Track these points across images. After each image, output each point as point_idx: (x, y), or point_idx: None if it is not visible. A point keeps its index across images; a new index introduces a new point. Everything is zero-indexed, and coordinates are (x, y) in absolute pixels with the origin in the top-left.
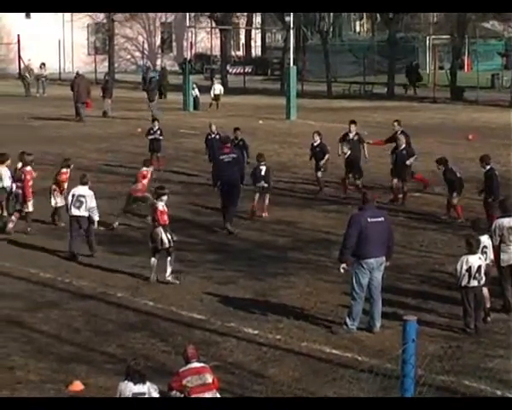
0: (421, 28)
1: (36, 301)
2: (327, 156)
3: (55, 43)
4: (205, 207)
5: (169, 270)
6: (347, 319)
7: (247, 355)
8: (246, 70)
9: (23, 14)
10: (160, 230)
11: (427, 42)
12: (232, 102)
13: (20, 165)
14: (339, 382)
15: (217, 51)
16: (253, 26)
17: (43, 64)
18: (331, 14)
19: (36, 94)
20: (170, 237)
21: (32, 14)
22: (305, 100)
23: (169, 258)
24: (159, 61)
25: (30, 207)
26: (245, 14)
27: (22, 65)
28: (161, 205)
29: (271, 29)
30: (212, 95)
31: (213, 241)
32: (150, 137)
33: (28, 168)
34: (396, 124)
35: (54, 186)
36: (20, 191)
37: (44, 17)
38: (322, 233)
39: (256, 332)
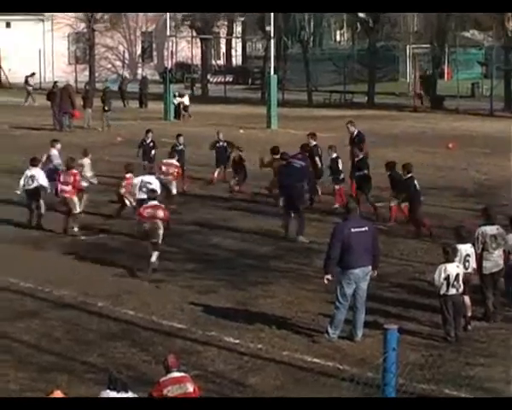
0: (401, 37)
1: (16, 311)
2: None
3: (36, 53)
4: (185, 216)
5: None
6: (329, 328)
7: (228, 364)
8: (226, 79)
9: (3, 24)
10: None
11: (408, 51)
12: (213, 111)
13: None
14: (320, 390)
15: (197, 60)
16: (234, 35)
17: (33, 74)
18: (312, 23)
19: (25, 104)
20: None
21: (12, 23)
22: (286, 109)
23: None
24: (139, 71)
25: (77, 208)
26: (225, 23)
27: (3, 75)
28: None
29: (252, 38)
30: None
31: (193, 250)
32: (140, 150)
33: (74, 171)
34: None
35: (123, 190)
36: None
37: (25, 26)
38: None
39: (237, 341)
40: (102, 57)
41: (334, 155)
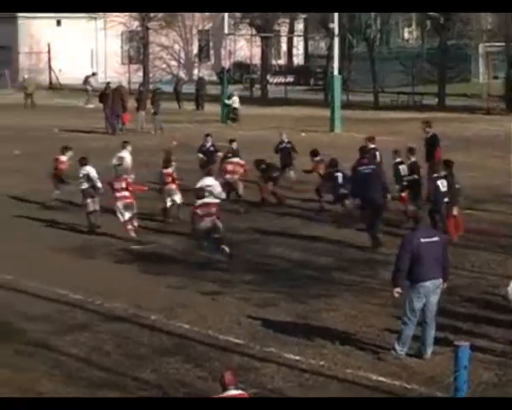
0: (473, 35)
1: (65, 324)
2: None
3: (88, 53)
4: (242, 224)
5: None
6: (396, 345)
7: (288, 382)
8: (287, 80)
9: (54, 22)
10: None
11: (480, 50)
12: (273, 113)
13: None
14: None
15: (257, 60)
16: (295, 33)
17: (95, 74)
18: (378, 20)
19: (86, 105)
20: None
21: (63, 21)
22: (351, 111)
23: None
24: (196, 71)
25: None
26: (286, 20)
27: (53, 76)
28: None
29: (314, 36)
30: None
31: (251, 260)
32: (200, 154)
33: (170, 170)
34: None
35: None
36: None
37: (76, 25)
38: (368, 252)
39: (297, 358)
40: (157, 57)
41: (398, 160)
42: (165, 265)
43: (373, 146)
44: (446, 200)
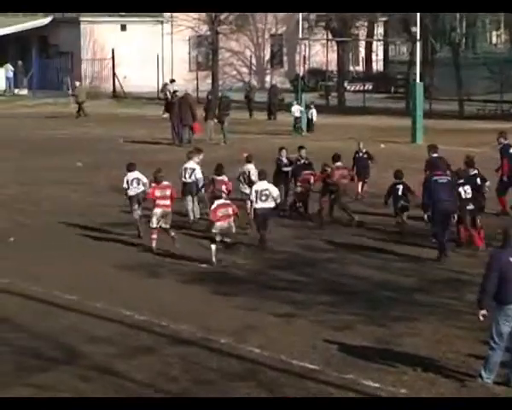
0: None
1: (129, 347)
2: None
3: (153, 58)
4: (319, 241)
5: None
6: (483, 372)
7: None
8: (366, 87)
9: (118, 27)
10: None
11: None
12: (350, 122)
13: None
14: None
15: (333, 66)
16: (375, 37)
17: (173, 80)
18: (464, 23)
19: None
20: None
21: (128, 25)
22: (433, 121)
23: None
24: (268, 78)
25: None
26: (365, 24)
27: (117, 83)
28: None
29: (395, 41)
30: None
31: (327, 279)
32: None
33: (223, 178)
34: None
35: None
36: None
37: (141, 29)
38: (453, 272)
39: (377, 385)
40: (227, 63)
41: (472, 173)
42: (234, 285)
43: (435, 155)
44: (470, 207)
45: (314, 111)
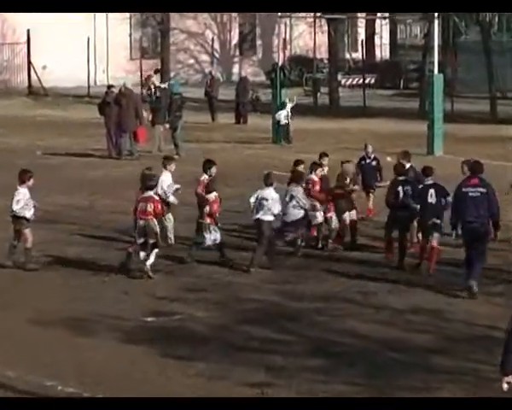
0: None
1: None
2: None
3: (83, 43)
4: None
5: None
6: None
7: None
8: (366, 81)
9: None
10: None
11: None
12: (345, 127)
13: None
14: None
15: (323, 53)
16: (378, 14)
17: (157, 71)
18: None
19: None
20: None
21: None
22: (457, 125)
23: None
24: (236, 68)
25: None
26: None
27: (34, 75)
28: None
29: (405, 19)
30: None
31: (316, 338)
32: None
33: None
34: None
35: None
36: None
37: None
38: (481, 327)
39: None
40: (181, 49)
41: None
42: (192, 345)
43: (409, 165)
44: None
45: (285, 112)
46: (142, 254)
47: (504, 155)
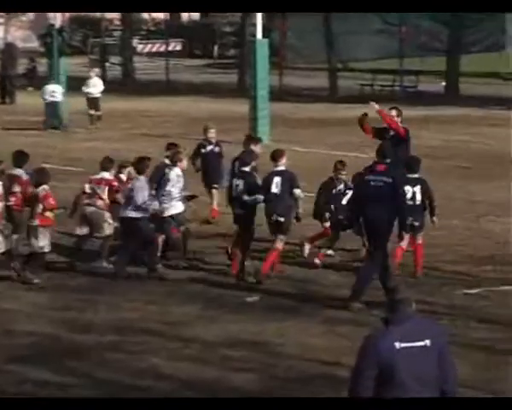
0: None
1: None
2: None
3: None
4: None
5: None
6: None
7: None
8: (170, 48)
9: None
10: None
11: None
12: (141, 108)
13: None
14: None
15: (113, 13)
16: None
17: None
18: None
19: None
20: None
21: None
22: (287, 105)
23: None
24: (0, 32)
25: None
26: None
27: None
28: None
29: None
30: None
31: (109, 380)
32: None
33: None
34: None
35: None
36: None
37: None
38: (318, 364)
39: None
40: None
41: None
42: None
43: (254, 148)
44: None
45: (58, 87)
46: None
47: (345, 143)
